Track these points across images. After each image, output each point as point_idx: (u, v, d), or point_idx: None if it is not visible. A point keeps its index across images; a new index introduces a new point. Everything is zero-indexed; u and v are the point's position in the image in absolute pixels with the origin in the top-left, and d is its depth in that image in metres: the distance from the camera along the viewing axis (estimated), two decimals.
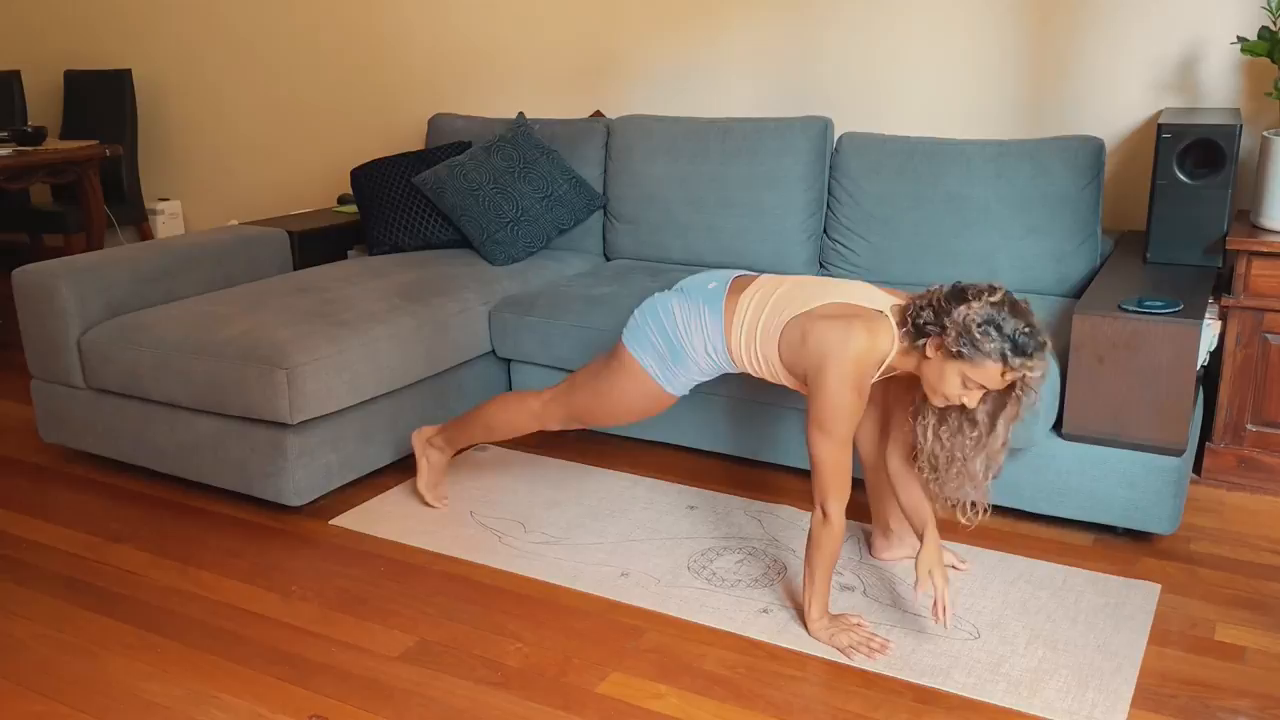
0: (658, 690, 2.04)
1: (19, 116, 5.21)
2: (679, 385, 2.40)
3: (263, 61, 4.78)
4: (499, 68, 4.17)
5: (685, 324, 2.31)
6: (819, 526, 2.14)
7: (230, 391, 2.68)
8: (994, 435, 2.07)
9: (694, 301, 2.31)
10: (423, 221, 3.61)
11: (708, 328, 2.29)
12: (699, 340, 2.30)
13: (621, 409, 2.48)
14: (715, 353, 2.31)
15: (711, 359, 2.33)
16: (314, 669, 2.14)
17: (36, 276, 2.98)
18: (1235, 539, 2.56)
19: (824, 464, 2.11)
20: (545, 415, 2.58)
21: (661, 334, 2.33)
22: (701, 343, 2.30)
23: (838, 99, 3.51)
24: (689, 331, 2.30)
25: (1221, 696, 1.99)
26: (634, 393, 2.41)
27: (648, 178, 3.51)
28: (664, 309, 2.35)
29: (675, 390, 2.41)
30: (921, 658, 2.11)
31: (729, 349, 2.29)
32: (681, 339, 2.31)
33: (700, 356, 2.33)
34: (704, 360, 2.34)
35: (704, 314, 2.29)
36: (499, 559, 2.55)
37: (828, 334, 2.09)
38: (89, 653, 2.22)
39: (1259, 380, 2.73)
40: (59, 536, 2.74)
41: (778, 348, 2.20)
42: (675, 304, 2.34)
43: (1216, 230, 2.76)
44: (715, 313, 2.28)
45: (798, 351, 2.15)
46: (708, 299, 2.30)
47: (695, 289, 2.34)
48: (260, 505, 2.86)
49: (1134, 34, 3.11)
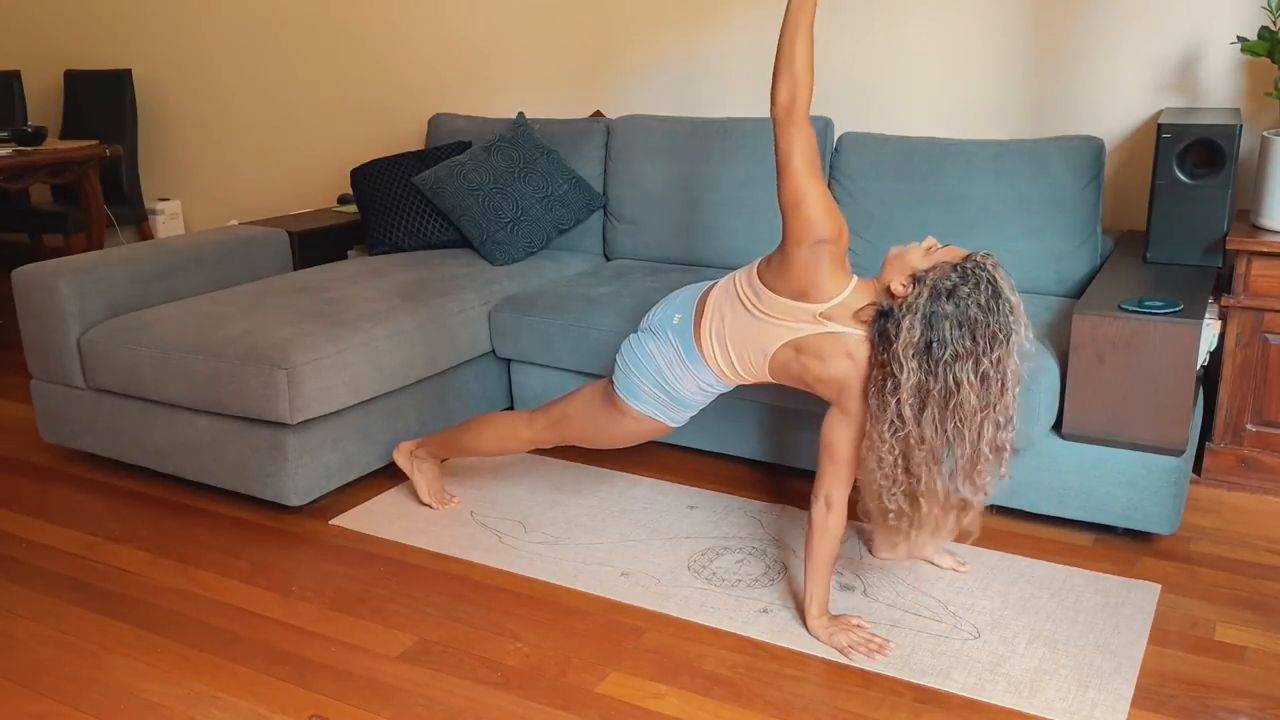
0: (658, 690, 2.04)
1: (19, 116, 5.21)
2: (682, 419, 2.41)
3: (263, 61, 4.78)
4: (499, 68, 4.17)
5: (669, 367, 2.29)
6: (823, 515, 2.14)
7: (230, 391, 2.68)
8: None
9: (669, 343, 2.29)
10: (423, 221, 3.61)
11: (691, 369, 2.28)
12: (689, 381, 2.30)
13: (621, 441, 2.49)
14: (708, 385, 2.31)
15: (707, 391, 2.34)
16: (314, 669, 2.14)
17: (36, 276, 2.99)
18: (1235, 539, 2.56)
19: (840, 453, 2.11)
20: (538, 441, 2.58)
21: (652, 382, 2.31)
22: (692, 382, 2.30)
23: (838, 99, 3.51)
24: (676, 376, 2.29)
25: (1221, 696, 1.99)
26: (635, 430, 2.41)
27: (648, 178, 3.51)
28: (642, 355, 2.31)
29: (678, 424, 2.41)
30: (921, 658, 2.11)
31: (722, 379, 2.30)
32: (672, 384, 2.30)
33: (695, 394, 2.33)
34: (700, 395, 2.34)
35: (682, 356, 2.27)
36: (499, 559, 2.55)
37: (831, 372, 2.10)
38: (89, 653, 2.22)
39: (1259, 380, 2.73)
40: (59, 536, 2.74)
41: (767, 376, 2.23)
42: (651, 346, 2.31)
43: (1216, 230, 2.76)
44: (691, 351, 2.27)
45: (805, 377, 2.17)
46: (679, 336, 2.28)
47: (663, 326, 2.31)
48: (260, 505, 2.86)
49: (1134, 34, 3.11)
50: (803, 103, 2.05)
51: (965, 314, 1.92)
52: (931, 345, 1.93)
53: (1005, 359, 1.95)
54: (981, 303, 1.92)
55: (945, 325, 1.92)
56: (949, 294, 1.93)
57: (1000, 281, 1.95)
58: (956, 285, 1.93)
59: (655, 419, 2.36)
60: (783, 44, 2.06)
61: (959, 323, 1.92)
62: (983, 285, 1.93)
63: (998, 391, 1.95)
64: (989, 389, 1.95)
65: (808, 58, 2.05)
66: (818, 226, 2.04)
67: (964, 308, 1.92)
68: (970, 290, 1.92)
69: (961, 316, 1.92)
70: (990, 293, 1.93)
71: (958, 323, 1.92)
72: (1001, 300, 1.94)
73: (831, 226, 2.05)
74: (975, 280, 1.93)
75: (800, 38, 2.04)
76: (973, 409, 1.94)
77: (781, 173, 2.08)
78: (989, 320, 1.92)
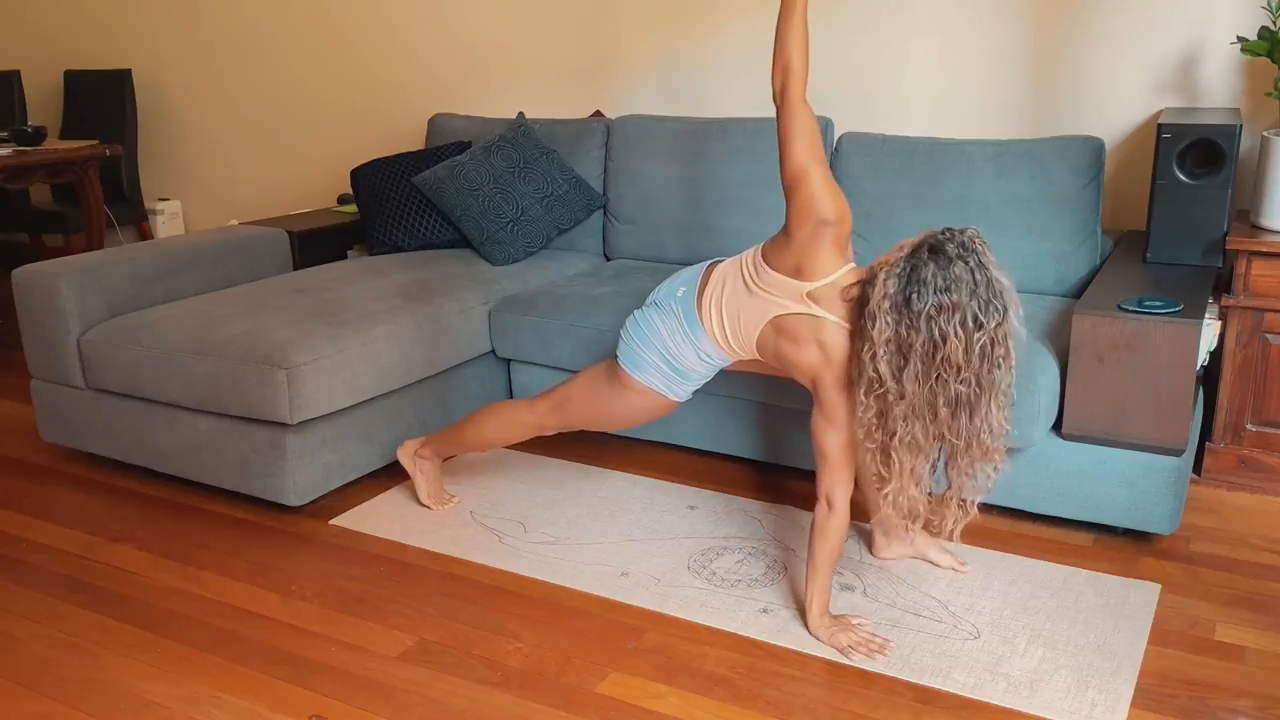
0: (658, 690, 2.04)
1: (19, 116, 5.21)
2: (683, 393, 2.41)
3: (263, 61, 4.78)
4: (499, 68, 4.17)
5: (672, 338, 2.30)
6: (824, 517, 2.14)
7: (230, 391, 2.68)
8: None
9: (672, 313, 2.30)
10: (423, 221, 3.61)
11: (692, 338, 2.28)
12: (689, 351, 2.30)
13: (624, 420, 2.49)
14: (707, 355, 2.31)
15: (707, 363, 2.33)
16: (314, 669, 2.14)
17: (36, 276, 2.99)
18: (1235, 539, 2.56)
19: (830, 454, 2.11)
20: (541, 426, 2.58)
21: (656, 352, 2.32)
22: (693, 352, 2.30)
23: (838, 99, 3.51)
24: (678, 345, 2.30)
25: (1221, 696, 1.99)
26: (638, 406, 2.41)
27: (648, 178, 3.51)
28: (647, 326, 2.33)
29: (680, 398, 2.41)
30: (921, 658, 2.11)
31: (720, 350, 2.30)
32: (675, 354, 2.31)
33: (696, 364, 2.33)
34: (701, 366, 2.34)
35: (684, 324, 2.28)
36: (499, 559, 2.55)
37: (801, 358, 2.11)
38: (89, 653, 2.22)
39: (1259, 380, 2.73)
40: (59, 536, 2.74)
41: (756, 351, 2.23)
42: (656, 319, 2.32)
43: (1216, 230, 2.76)
44: (692, 319, 2.28)
45: (779, 359, 2.17)
46: (683, 307, 2.29)
47: (668, 299, 2.33)
48: (260, 505, 2.86)
49: (1134, 34, 3.11)
50: (796, 87, 2.09)
51: (949, 270, 1.86)
52: (911, 299, 1.87)
53: (998, 330, 1.88)
54: (970, 265, 1.87)
55: (927, 278, 1.86)
56: (932, 251, 1.89)
57: (987, 257, 1.90)
58: (941, 244, 1.89)
59: (657, 391, 2.36)
60: (778, 32, 2.12)
61: (943, 278, 1.86)
62: (970, 252, 1.88)
63: (991, 363, 1.89)
64: (982, 355, 1.87)
65: (801, 44, 2.10)
66: (819, 205, 2.04)
67: (947, 264, 1.87)
68: (957, 250, 1.88)
69: (945, 273, 1.86)
70: (977, 261, 1.88)
71: (941, 279, 1.86)
72: (989, 272, 1.88)
73: (835, 208, 2.05)
74: (962, 244, 1.89)
75: (793, 25, 2.10)
76: (959, 365, 1.87)
77: (782, 154, 2.10)
78: (975, 282, 1.86)
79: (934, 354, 1.88)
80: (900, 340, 1.90)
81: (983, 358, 1.89)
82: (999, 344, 1.90)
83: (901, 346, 1.90)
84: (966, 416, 1.93)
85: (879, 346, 1.92)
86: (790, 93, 2.10)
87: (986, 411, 1.93)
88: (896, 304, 1.90)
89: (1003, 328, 1.90)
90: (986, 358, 1.89)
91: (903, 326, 1.89)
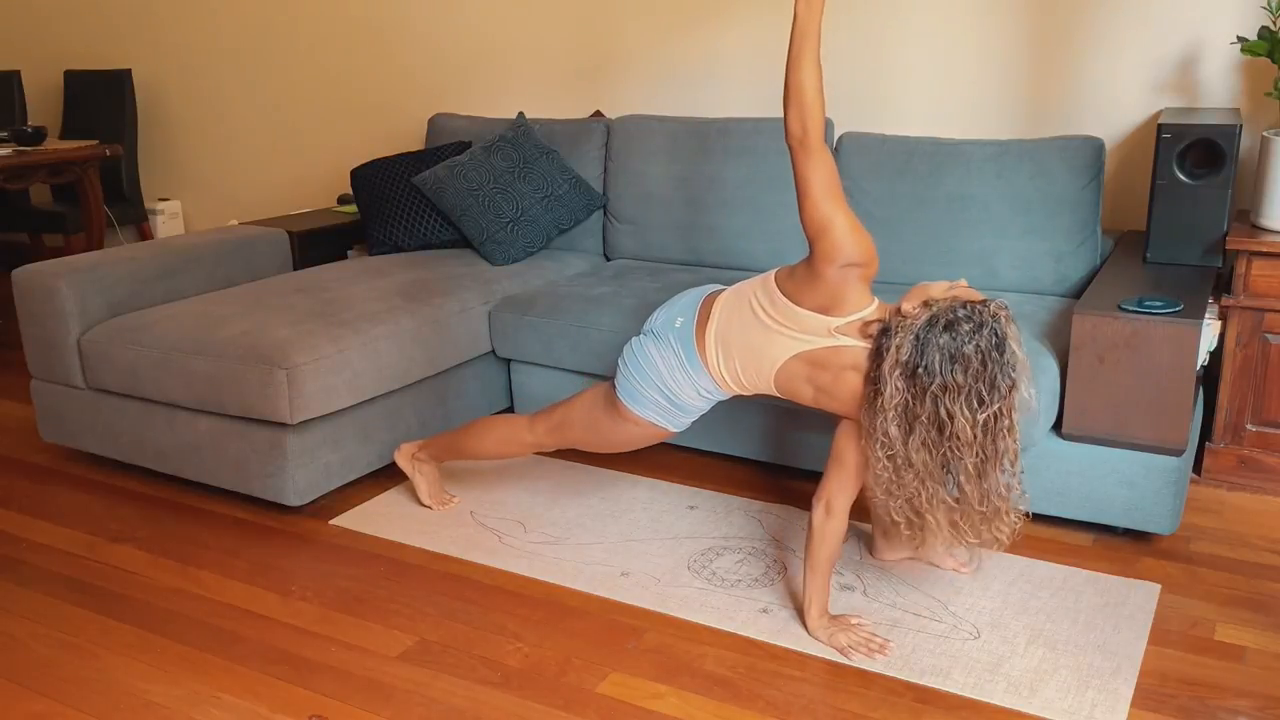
0: (657, 690, 2.04)
1: (19, 116, 5.21)
2: (683, 424, 2.41)
3: (263, 61, 4.78)
4: (499, 68, 4.17)
5: (671, 375, 2.29)
6: (823, 521, 2.14)
7: (230, 391, 2.68)
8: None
9: (670, 347, 2.28)
10: (423, 221, 3.61)
11: (692, 375, 2.28)
12: (688, 387, 2.30)
13: (623, 445, 2.49)
14: (707, 391, 2.31)
15: (706, 398, 2.33)
16: (314, 669, 2.14)
17: (36, 276, 2.99)
18: (1235, 539, 2.56)
19: (848, 462, 2.11)
20: (539, 445, 2.59)
21: (654, 387, 2.31)
22: (692, 388, 2.30)
23: (838, 99, 3.50)
24: (677, 382, 2.29)
25: (1221, 696, 1.99)
26: (637, 434, 2.41)
27: (648, 178, 3.51)
28: (643, 359, 2.31)
29: (679, 429, 2.41)
30: (921, 658, 2.11)
31: (720, 387, 2.30)
32: (673, 390, 2.30)
33: (695, 399, 2.33)
34: (700, 401, 2.34)
35: (683, 360, 2.27)
36: (499, 559, 2.55)
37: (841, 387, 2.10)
38: (89, 653, 2.22)
39: (1259, 380, 2.73)
40: (59, 536, 2.74)
41: (770, 388, 2.22)
42: (654, 352, 2.30)
43: (1216, 230, 2.76)
44: (692, 355, 2.26)
45: (817, 391, 2.16)
46: (681, 340, 2.27)
47: (665, 328, 2.31)
48: (260, 505, 2.86)
49: (1134, 34, 3.11)
50: (815, 131, 2.01)
51: (959, 349, 1.89)
52: (918, 370, 1.91)
53: (1003, 405, 1.93)
54: (980, 345, 1.90)
55: (935, 355, 1.90)
56: (947, 325, 1.91)
57: (1007, 333, 1.93)
58: (958, 320, 1.91)
59: (656, 424, 2.36)
60: (789, 72, 2.02)
61: (950, 355, 1.89)
62: (985, 330, 1.91)
63: (995, 435, 1.93)
64: (989, 434, 1.92)
65: (816, 85, 2.01)
66: (845, 250, 2.02)
67: (959, 343, 1.90)
68: (971, 330, 1.90)
69: (954, 350, 1.89)
70: (993, 341, 1.91)
71: (949, 355, 1.89)
72: (1005, 350, 1.92)
73: (861, 251, 2.03)
74: (979, 323, 1.91)
75: (806, 65, 2.00)
76: (969, 441, 1.91)
77: (802, 201, 2.05)
78: (985, 363, 1.90)
79: (941, 429, 1.93)
80: (907, 408, 1.94)
81: (986, 431, 1.93)
82: (1003, 416, 1.94)
83: (907, 412, 1.94)
84: (976, 483, 1.97)
85: (889, 409, 1.95)
86: (811, 137, 2.00)
87: (994, 477, 1.97)
88: (904, 372, 1.94)
89: (1008, 400, 1.93)
90: (989, 431, 1.93)
91: (910, 395, 1.93)
